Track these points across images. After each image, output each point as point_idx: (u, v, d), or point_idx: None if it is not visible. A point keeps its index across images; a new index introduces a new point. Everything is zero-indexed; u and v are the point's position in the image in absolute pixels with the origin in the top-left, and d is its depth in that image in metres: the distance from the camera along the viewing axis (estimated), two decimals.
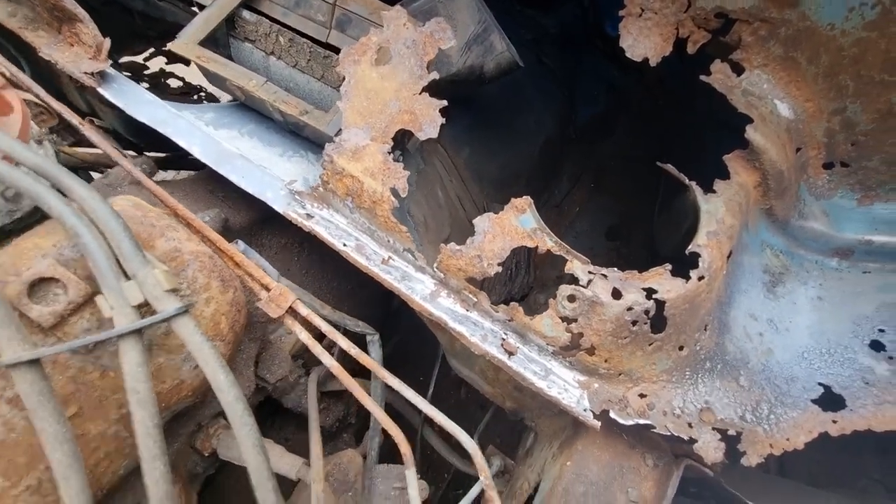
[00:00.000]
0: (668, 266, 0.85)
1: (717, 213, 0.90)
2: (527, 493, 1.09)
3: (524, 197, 0.91)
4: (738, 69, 0.97)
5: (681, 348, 0.88)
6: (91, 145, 1.03)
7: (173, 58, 2.37)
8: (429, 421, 1.59)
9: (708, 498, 0.99)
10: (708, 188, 0.94)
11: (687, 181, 0.95)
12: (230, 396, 0.57)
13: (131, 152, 1.31)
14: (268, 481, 0.60)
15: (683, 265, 0.89)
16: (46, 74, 1.24)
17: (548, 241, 0.86)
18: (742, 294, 0.98)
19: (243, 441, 0.58)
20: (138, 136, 1.41)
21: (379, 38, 0.97)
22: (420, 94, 0.94)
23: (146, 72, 2.38)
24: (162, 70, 2.44)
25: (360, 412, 1.52)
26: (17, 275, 0.56)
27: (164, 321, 0.55)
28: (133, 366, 0.54)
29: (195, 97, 2.58)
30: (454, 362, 1.33)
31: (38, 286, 0.56)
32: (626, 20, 1.01)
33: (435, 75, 0.96)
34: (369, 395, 0.88)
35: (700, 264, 0.85)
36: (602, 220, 2.50)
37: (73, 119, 0.91)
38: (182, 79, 2.53)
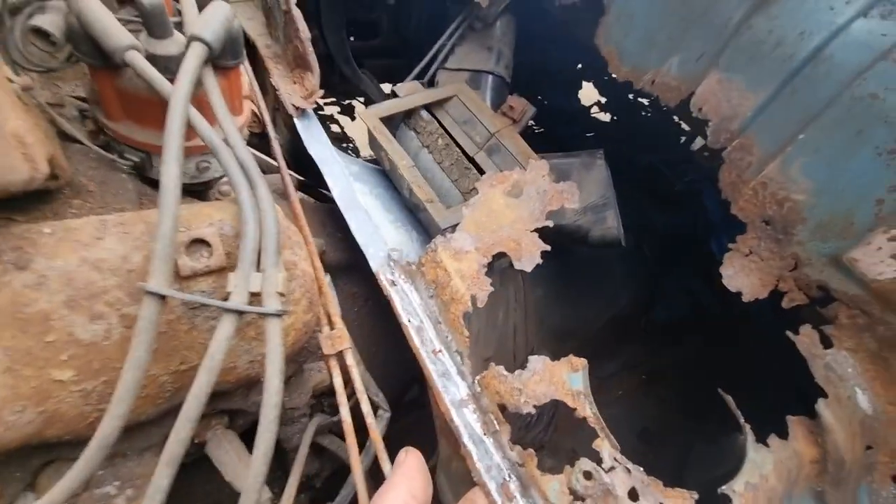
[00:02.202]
0: (696, 495, 0.82)
1: (764, 467, 0.88)
2: None
3: (582, 359, 0.95)
4: (826, 341, 1.00)
5: None
6: (266, 153, 1.27)
7: (343, 111, 2.84)
8: None
9: None
10: (759, 438, 0.93)
11: (743, 421, 0.94)
12: (272, 402, 0.64)
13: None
14: (257, 493, 0.64)
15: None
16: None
17: (587, 409, 0.88)
18: None
19: (259, 446, 0.63)
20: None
21: (519, 176, 1.15)
22: (531, 231, 1.07)
23: (319, 112, 2.85)
24: (332, 116, 2.91)
25: (327, 479, 1.48)
26: (187, 228, 0.70)
27: (262, 315, 0.66)
28: (221, 338, 0.63)
29: (343, 145, 3.02)
30: (441, 480, 1.29)
31: (194, 243, 0.70)
32: (732, 254, 1.10)
33: (549, 223, 1.09)
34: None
35: None
36: (639, 418, 2.38)
37: (272, 133, 1.14)
38: (342, 128, 2.99)
